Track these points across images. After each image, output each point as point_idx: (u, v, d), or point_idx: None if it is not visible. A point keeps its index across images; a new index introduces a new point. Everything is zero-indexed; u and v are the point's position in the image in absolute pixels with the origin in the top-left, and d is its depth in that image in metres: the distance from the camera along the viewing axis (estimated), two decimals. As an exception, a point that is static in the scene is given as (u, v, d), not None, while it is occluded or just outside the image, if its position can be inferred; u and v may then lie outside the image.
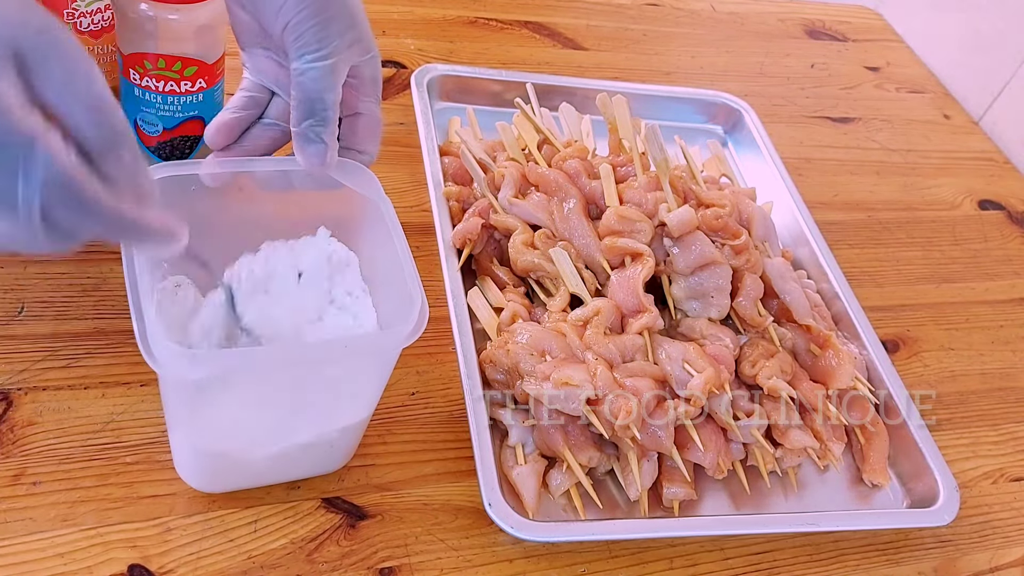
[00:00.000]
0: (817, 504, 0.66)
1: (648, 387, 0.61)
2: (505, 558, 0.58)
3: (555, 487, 0.61)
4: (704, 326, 0.67)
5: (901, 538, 0.65)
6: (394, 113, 0.86)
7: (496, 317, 0.67)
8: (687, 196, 0.71)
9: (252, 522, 0.55)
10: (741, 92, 0.97)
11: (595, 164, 0.73)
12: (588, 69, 0.99)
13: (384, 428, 0.62)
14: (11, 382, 0.58)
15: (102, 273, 0.65)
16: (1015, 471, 0.72)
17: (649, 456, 0.62)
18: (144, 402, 0.59)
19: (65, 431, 0.57)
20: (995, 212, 0.97)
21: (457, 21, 1.01)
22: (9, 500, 0.53)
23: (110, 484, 0.55)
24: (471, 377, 0.62)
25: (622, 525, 0.60)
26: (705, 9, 1.15)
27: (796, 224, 0.83)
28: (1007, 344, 0.83)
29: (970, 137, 1.07)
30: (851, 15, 1.22)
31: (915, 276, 0.87)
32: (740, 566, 0.61)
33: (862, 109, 1.06)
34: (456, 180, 0.76)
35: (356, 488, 0.59)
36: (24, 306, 0.62)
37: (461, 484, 0.60)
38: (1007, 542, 0.67)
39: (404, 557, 0.56)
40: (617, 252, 0.67)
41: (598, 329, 0.63)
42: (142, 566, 0.52)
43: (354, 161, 0.57)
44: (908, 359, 0.79)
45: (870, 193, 0.95)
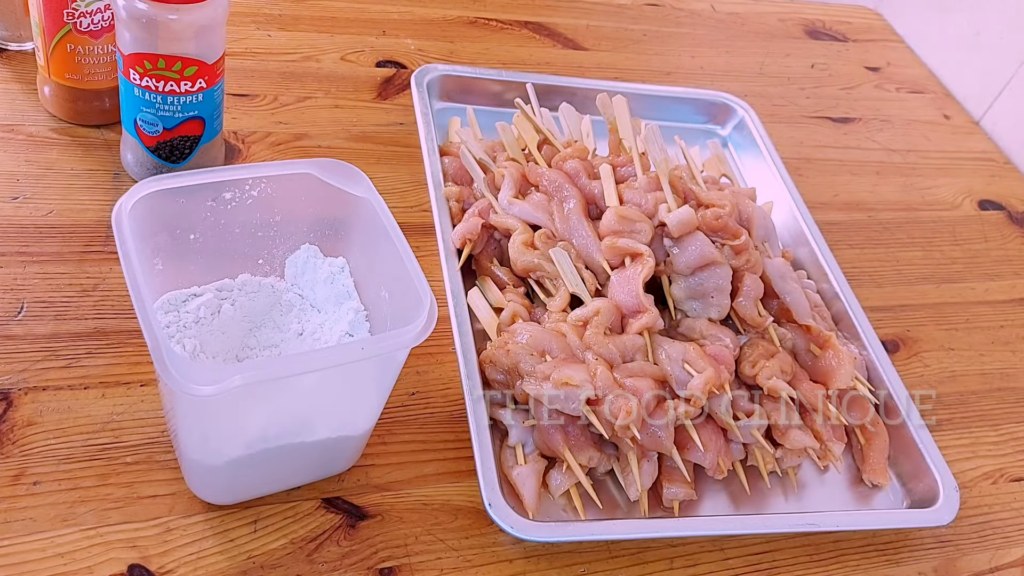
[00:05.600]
0: (817, 504, 0.66)
1: (648, 387, 0.61)
2: (505, 558, 0.58)
3: (555, 487, 0.61)
4: (704, 326, 0.67)
5: (901, 538, 0.65)
6: (394, 113, 0.86)
7: (496, 317, 0.67)
8: (687, 196, 0.71)
9: (252, 522, 0.55)
10: (741, 92, 0.97)
11: (595, 164, 0.73)
12: (588, 69, 0.99)
13: (384, 428, 0.62)
14: (11, 382, 0.58)
15: (102, 273, 0.65)
16: (1015, 471, 0.72)
17: (649, 456, 0.62)
18: (144, 402, 0.59)
19: (65, 431, 0.57)
20: (995, 212, 0.97)
21: (457, 21, 1.01)
22: (9, 500, 0.53)
23: (110, 484, 0.55)
24: (471, 377, 0.62)
25: (622, 525, 0.60)
26: (705, 9, 1.15)
27: (796, 224, 0.83)
28: (1007, 344, 0.83)
29: (970, 137, 1.07)
30: (851, 15, 1.22)
31: (915, 276, 0.87)
32: (740, 566, 0.61)
33: (862, 109, 1.06)
34: (456, 180, 0.76)
35: (356, 488, 0.59)
36: (24, 306, 0.62)
37: (461, 484, 0.60)
38: (1007, 542, 0.67)
39: (404, 557, 0.56)
40: (617, 252, 0.67)
41: (598, 329, 0.63)
42: (142, 566, 0.52)
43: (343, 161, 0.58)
44: (908, 359, 0.79)
45: (870, 193, 0.95)
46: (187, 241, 0.57)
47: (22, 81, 0.77)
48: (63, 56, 0.70)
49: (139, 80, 0.65)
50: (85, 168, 0.72)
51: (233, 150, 0.77)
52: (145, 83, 0.65)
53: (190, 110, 0.67)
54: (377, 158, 0.81)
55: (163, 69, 0.64)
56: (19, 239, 0.66)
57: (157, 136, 0.68)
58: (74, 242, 0.67)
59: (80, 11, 0.68)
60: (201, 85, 0.66)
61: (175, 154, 0.70)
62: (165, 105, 0.66)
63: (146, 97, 0.66)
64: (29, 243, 0.66)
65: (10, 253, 0.65)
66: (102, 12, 0.69)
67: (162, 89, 0.65)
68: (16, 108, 0.75)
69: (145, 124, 0.68)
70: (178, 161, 0.70)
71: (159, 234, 0.55)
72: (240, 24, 0.91)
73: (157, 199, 0.53)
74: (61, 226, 0.67)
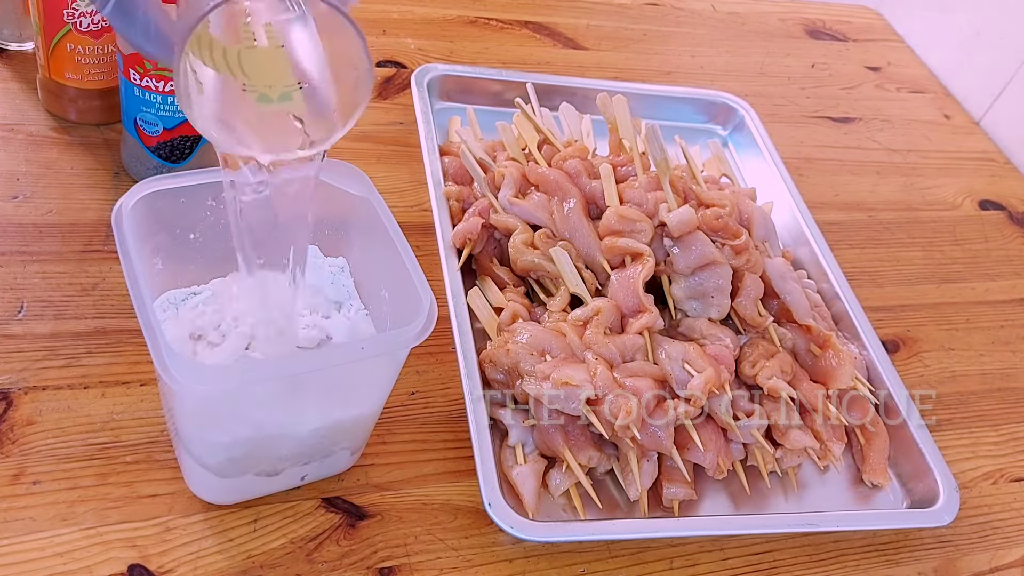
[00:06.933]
0: (817, 504, 0.66)
1: (648, 387, 0.61)
2: (505, 558, 0.58)
3: (555, 487, 0.61)
4: (704, 326, 0.67)
5: (901, 538, 0.65)
6: (394, 113, 0.86)
7: (496, 317, 0.67)
8: (687, 196, 0.70)
9: (252, 522, 0.55)
10: (741, 92, 0.97)
11: (595, 164, 0.73)
12: (588, 69, 0.99)
13: (384, 428, 0.62)
14: (11, 381, 0.58)
15: (102, 273, 0.65)
16: (1015, 471, 0.72)
17: (649, 456, 0.62)
18: (144, 401, 0.59)
19: (65, 431, 0.57)
20: (995, 212, 0.97)
21: (457, 21, 1.01)
22: (9, 500, 0.53)
23: (110, 484, 0.55)
24: (471, 377, 0.62)
25: (622, 525, 0.60)
26: (705, 9, 1.15)
27: (796, 224, 0.82)
28: (1007, 344, 0.83)
29: (970, 137, 1.07)
30: (852, 15, 1.22)
31: (915, 276, 0.87)
32: (740, 566, 0.61)
33: (863, 109, 1.06)
34: (456, 180, 0.76)
35: (356, 488, 0.59)
36: (24, 305, 0.62)
37: (461, 484, 0.60)
38: (1007, 542, 0.67)
39: (404, 557, 0.56)
40: (617, 252, 0.67)
41: (598, 329, 0.63)
42: (142, 566, 0.52)
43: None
44: (908, 359, 0.79)
45: (870, 193, 0.95)
46: (187, 241, 0.57)
47: (22, 81, 0.77)
48: (63, 56, 0.70)
49: (139, 80, 0.65)
50: (85, 168, 0.72)
51: (233, 150, 0.77)
52: (145, 83, 0.65)
53: (190, 110, 0.67)
54: (377, 158, 0.81)
55: (163, 69, 0.64)
56: (19, 239, 0.66)
57: (157, 136, 0.68)
58: (74, 242, 0.67)
59: (80, 11, 0.68)
60: (201, 85, 0.66)
61: (175, 154, 0.70)
62: (165, 105, 0.66)
63: (146, 97, 0.66)
64: (29, 243, 0.66)
65: (10, 253, 0.65)
66: (102, 12, 0.69)
67: (162, 89, 0.65)
68: (16, 108, 0.75)
69: (145, 124, 0.68)
70: (178, 161, 0.70)
71: (159, 234, 0.55)
72: (240, 24, 0.91)
73: (157, 199, 0.53)
74: (61, 226, 0.67)
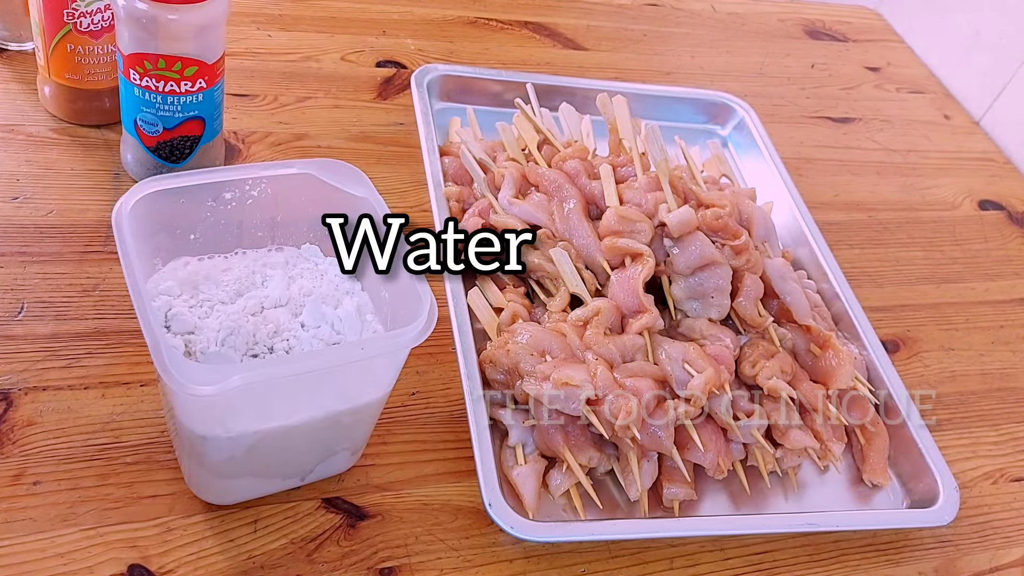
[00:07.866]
0: (817, 504, 0.66)
1: (648, 387, 0.61)
2: (505, 558, 0.58)
3: (555, 487, 0.61)
4: (704, 326, 0.67)
5: (901, 538, 0.65)
6: (394, 113, 0.86)
7: (496, 317, 0.67)
8: (687, 196, 0.70)
9: (252, 522, 0.55)
10: (741, 92, 0.97)
11: (595, 164, 0.73)
12: (588, 69, 0.99)
13: (384, 428, 0.62)
14: (11, 382, 0.58)
15: (102, 273, 0.65)
16: (1015, 471, 0.72)
17: (649, 456, 0.62)
18: (144, 402, 0.59)
19: (65, 431, 0.57)
20: (995, 212, 0.97)
21: (457, 21, 1.01)
22: (9, 500, 0.53)
23: (110, 484, 0.55)
24: (471, 377, 0.62)
25: (622, 525, 0.60)
26: (705, 9, 1.15)
27: (796, 224, 0.82)
28: (1007, 344, 0.83)
29: (970, 137, 1.07)
30: (851, 15, 1.22)
31: (915, 276, 0.87)
32: (740, 566, 0.61)
33: (862, 109, 1.06)
34: (456, 180, 0.76)
35: (356, 488, 0.59)
36: (24, 306, 0.62)
37: (461, 484, 0.60)
38: (1007, 542, 0.67)
39: (404, 557, 0.56)
40: (617, 252, 0.67)
41: (598, 329, 0.63)
42: (142, 566, 0.52)
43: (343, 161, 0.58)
44: (908, 359, 0.79)
45: (870, 193, 0.95)
46: (187, 241, 0.57)
47: (22, 81, 0.77)
48: (63, 56, 0.70)
49: (139, 80, 0.65)
50: (85, 168, 0.72)
51: (233, 150, 0.77)
52: (145, 83, 0.65)
53: (190, 110, 0.67)
54: (377, 158, 0.81)
55: (163, 69, 0.64)
56: (19, 239, 0.66)
57: (157, 136, 0.68)
58: (74, 242, 0.67)
59: (80, 11, 0.68)
60: (201, 85, 0.66)
61: (175, 154, 0.70)
62: (165, 105, 0.66)
63: (146, 97, 0.66)
64: (29, 243, 0.66)
65: (10, 253, 0.65)
66: (102, 12, 0.69)
67: (162, 89, 0.65)
68: (16, 108, 0.75)
69: (145, 124, 0.68)
70: (178, 161, 0.70)
71: (159, 234, 0.55)
72: (240, 24, 0.91)
73: (157, 199, 0.53)
74: (61, 226, 0.67)
